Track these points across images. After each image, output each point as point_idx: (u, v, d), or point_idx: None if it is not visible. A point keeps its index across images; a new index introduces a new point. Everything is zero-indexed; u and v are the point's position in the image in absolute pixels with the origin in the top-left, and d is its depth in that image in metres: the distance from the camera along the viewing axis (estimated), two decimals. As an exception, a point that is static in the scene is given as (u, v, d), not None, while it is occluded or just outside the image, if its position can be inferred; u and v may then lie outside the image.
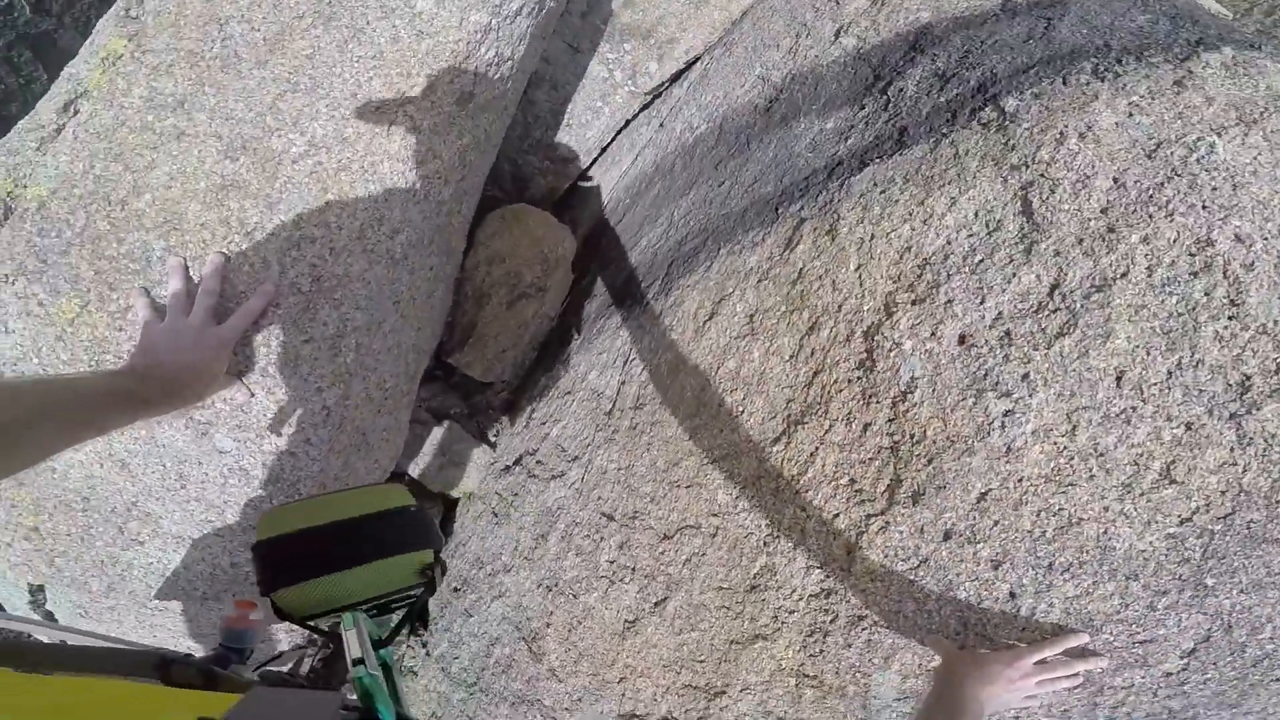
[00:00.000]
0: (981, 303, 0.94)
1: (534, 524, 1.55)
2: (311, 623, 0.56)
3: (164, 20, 1.13)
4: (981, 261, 0.96)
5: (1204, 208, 0.84)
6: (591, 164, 1.98)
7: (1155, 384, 0.83)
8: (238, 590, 1.37)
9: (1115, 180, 0.89)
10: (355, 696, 0.45)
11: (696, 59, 1.84)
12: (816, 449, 1.06)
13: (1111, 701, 0.91)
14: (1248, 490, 0.78)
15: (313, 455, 1.20)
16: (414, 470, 1.77)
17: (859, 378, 1.03)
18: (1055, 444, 0.87)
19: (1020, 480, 0.89)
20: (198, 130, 1.10)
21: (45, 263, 1.08)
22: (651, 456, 1.31)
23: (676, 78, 1.88)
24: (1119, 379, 0.84)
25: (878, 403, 1.00)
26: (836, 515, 1.04)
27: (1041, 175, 0.94)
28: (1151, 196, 0.86)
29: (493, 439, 1.83)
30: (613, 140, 1.95)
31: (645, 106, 1.92)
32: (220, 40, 1.12)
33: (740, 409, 1.18)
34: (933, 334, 0.97)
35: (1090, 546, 0.87)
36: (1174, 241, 0.84)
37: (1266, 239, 0.81)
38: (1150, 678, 0.88)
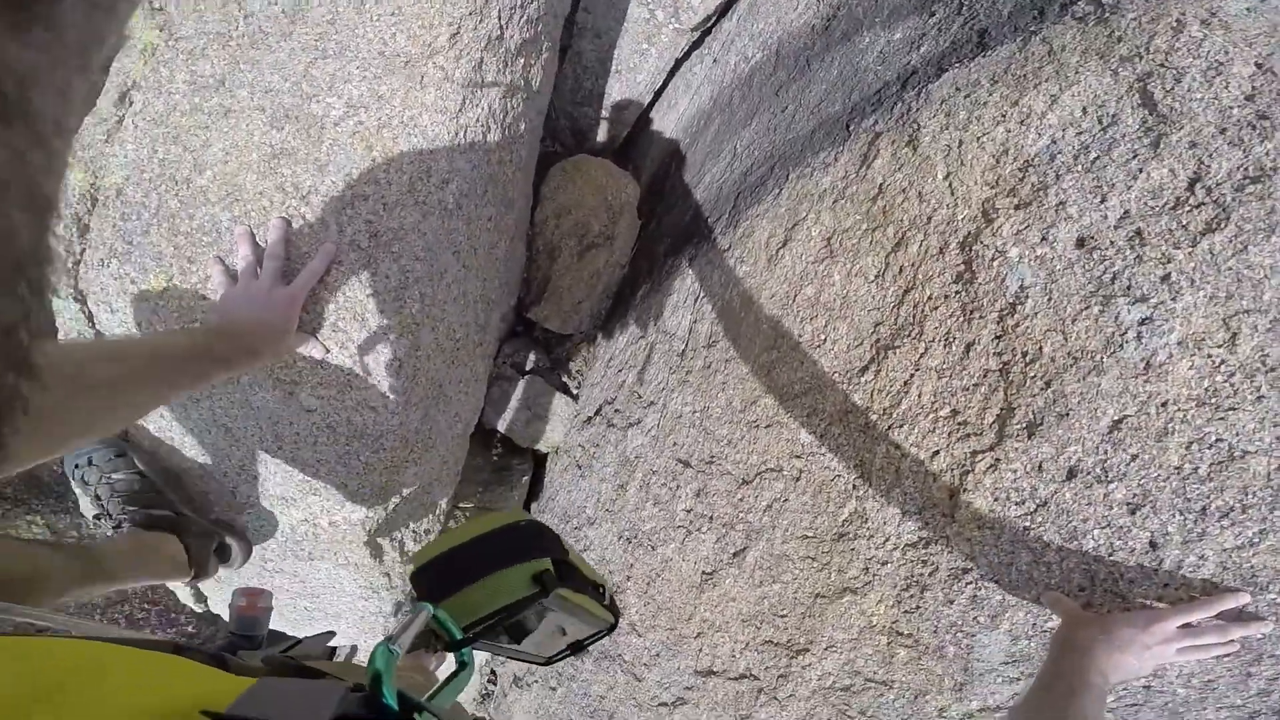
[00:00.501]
0: (1103, 202, 0.79)
1: (614, 474, 1.52)
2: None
3: (186, 8, 1.17)
4: (1097, 159, 0.81)
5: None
6: (649, 108, 1.93)
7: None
8: (337, 550, 1.44)
9: (1259, 66, 0.75)
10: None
11: (742, -12, 1.71)
12: (911, 376, 0.94)
13: (1270, 673, 0.78)
14: None
15: (391, 408, 1.22)
16: (501, 426, 1.79)
17: (957, 292, 0.89)
18: (1209, 357, 0.71)
19: (1165, 404, 0.74)
20: (241, 106, 1.13)
21: (131, 244, 1.15)
22: (727, 396, 1.24)
23: (725, 12, 1.79)
24: (1296, 272, 0.67)
25: (981, 318, 0.86)
26: (936, 453, 0.93)
27: (1161, 65, 0.80)
28: (1312, 78, 0.69)
29: (574, 391, 1.81)
30: (666, 83, 1.89)
31: (696, 45, 1.85)
32: (243, 18, 1.16)
33: (821, 337, 1.07)
34: (1043, 238, 0.82)
35: (1258, 487, 0.72)
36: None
37: None
38: (1326, 647, 0.73)
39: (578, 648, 0.75)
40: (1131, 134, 0.80)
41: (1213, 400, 0.71)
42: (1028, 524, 0.86)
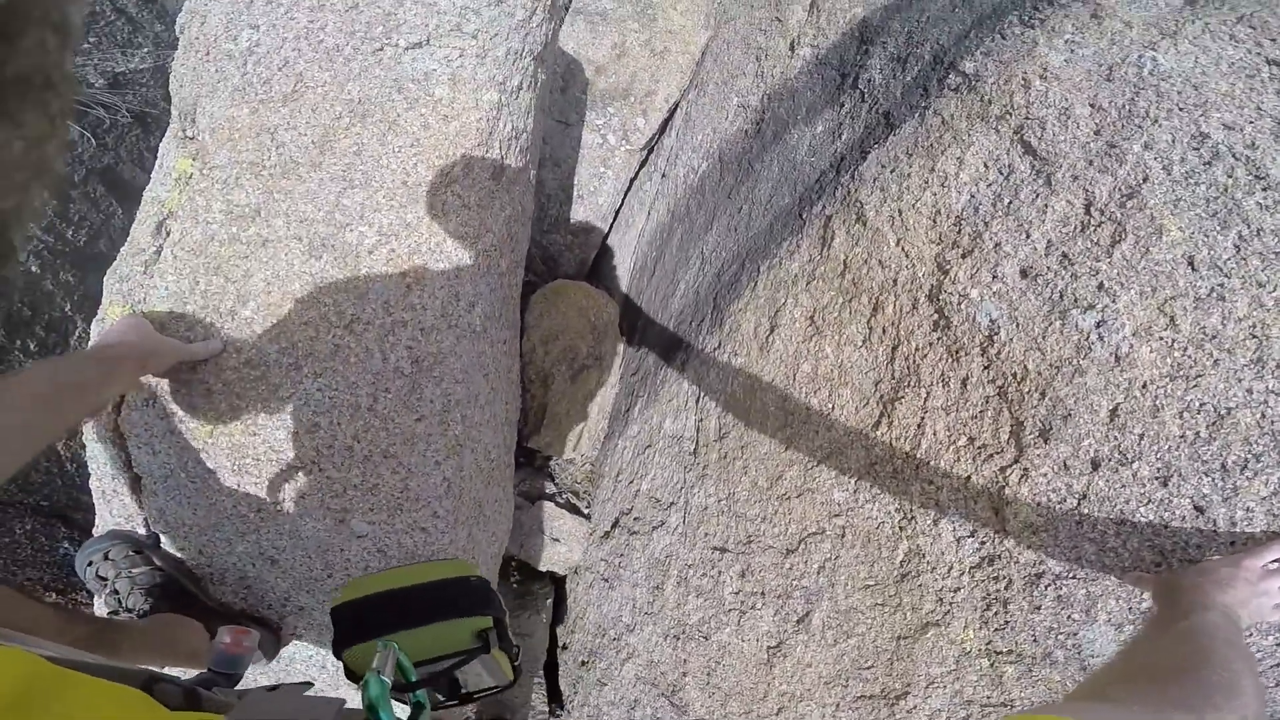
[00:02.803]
0: (1028, 237, 0.97)
1: (646, 578, 1.53)
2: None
3: (220, 137, 1.18)
4: (1011, 203, 0.99)
5: (1181, 109, 0.88)
6: (610, 228, 2.08)
7: (1228, 259, 0.83)
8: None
9: (1092, 105, 0.94)
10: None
11: (676, 105, 1.96)
12: (922, 420, 1.06)
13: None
14: (1378, 328, 0.76)
15: (440, 528, 1.22)
16: (518, 552, 1.78)
17: (939, 338, 1.04)
18: (1161, 339, 0.85)
19: (1145, 385, 0.87)
20: (279, 235, 1.15)
21: (178, 381, 1.13)
22: (750, 478, 1.31)
23: (664, 128, 2.01)
24: (1191, 263, 0.84)
25: (967, 354, 1.00)
26: (968, 477, 1.02)
27: (1027, 117, 1.00)
28: (1131, 111, 0.91)
29: (586, 510, 1.84)
30: (623, 202, 2.05)
31: (643, 164, 2.04)
32: (275, 148, 1.18)
33: (829, 406, 1.19)
34: (994, 276, 0.98)
35: (1255, 435, 0.80)
36: (1173, 142, 0.87)
37: (1253, 121, 0.84)
38: None
39: (467, 698, 0.74)
40: (1028, 178, 0.98)
41: (1181, 373, 0.85)
42: (1078, 517, 0.92)
